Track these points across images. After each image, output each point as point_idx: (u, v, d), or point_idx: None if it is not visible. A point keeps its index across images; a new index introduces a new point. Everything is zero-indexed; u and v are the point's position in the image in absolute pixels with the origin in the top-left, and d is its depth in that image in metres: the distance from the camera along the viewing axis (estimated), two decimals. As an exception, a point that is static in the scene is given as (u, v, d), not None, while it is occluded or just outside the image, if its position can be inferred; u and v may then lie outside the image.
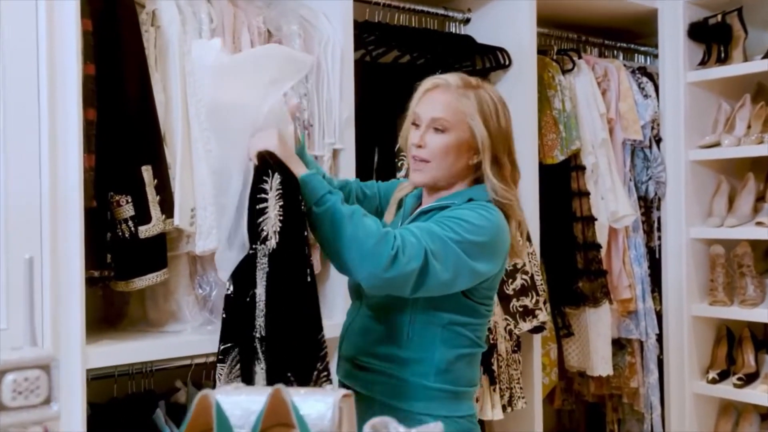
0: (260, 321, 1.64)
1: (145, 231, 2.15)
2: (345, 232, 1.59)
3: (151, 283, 2.19)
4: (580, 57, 3.45)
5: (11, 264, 1.98)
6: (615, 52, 3.86)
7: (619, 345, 3.60)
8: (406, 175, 2.79)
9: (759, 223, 3.51)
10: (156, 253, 2.19)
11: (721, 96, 3.77)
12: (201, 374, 2.44)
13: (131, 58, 2.20)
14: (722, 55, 3.66)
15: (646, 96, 3.61)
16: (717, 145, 3.61)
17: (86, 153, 2.09)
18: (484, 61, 3.13)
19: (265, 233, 1.63)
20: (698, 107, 3.69)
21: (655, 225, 3.69)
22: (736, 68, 3.60)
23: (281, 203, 1.63)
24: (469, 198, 1.79)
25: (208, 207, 2.22)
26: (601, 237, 3.37)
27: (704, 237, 3.67)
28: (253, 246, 1.65)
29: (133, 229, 2.15)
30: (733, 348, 3.74)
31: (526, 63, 3.10)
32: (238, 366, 1.68)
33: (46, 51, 2.02)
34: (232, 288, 1.71)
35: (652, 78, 3.73)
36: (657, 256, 3.69)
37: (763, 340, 3.76)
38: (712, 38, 3.66)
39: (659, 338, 3.63)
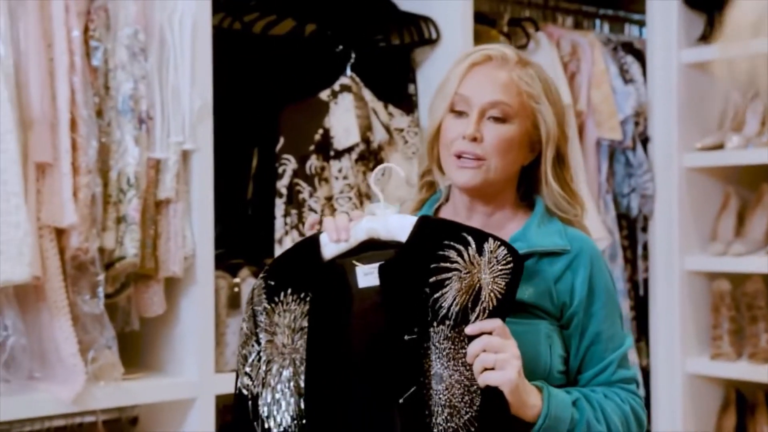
0: None
1: None
2: None
3: None
4: (537, 29, 3.45)
5: None
6: (597, 21, 3.86)
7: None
8: (291, 186, 2.76)
9: (774, 252, 3.47)
10: None
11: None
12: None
13: None
14: (729, 28, 3.65)
15: (628, 81, 3.61)
16: (720, 147, 3.61)
17: None
18: (403, 35, 3.13)
19: None
20: (697, 97, 3.70)
21: (640, 252, 3.72)
22: (748, 46, 3.58)
23: None
24: (564, 232, 1.77)
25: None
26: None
27: (704, 269, 3.67)
28: None
29: None
30: (745, 417, 3.71)
31: (458, 37, 3.10)
32: None
33: None
34: None
35: (642, 57, 3.72)
36: (642, 293, 3.72)
37: (783, 407, 3.71)
38: (715, 6, 3.59)
39: (646, 402, 3.60)
